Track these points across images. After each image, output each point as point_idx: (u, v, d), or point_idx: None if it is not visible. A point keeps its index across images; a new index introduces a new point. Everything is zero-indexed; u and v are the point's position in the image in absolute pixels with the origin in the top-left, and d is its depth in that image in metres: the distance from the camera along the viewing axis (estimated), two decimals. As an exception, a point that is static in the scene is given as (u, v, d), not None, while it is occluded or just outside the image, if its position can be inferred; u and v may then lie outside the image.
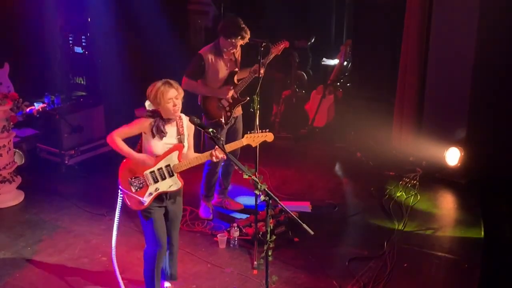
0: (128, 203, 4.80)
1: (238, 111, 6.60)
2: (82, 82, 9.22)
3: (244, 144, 4.91)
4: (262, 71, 6.07)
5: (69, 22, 9.08)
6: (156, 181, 4.74)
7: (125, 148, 4.71)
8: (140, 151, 4.78)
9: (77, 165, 8.05)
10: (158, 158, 4.72)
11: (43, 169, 7.98)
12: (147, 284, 4.99)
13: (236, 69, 6.47)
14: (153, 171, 4.72)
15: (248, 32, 6.16)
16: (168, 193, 4.83)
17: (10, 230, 6.46)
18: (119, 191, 4.81)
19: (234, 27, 6.15)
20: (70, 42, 9.16)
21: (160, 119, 4.69)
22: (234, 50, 6.32)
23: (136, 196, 4.72)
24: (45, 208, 6.96)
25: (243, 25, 6.15)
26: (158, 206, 4.83)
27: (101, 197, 7.18)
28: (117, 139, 4.69)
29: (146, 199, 4.71)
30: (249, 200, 6.92)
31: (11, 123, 7.07)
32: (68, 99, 8.72)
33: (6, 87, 8.14)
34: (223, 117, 6.43)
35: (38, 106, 8.47)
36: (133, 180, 4.73)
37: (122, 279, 5.47)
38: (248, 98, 6.43)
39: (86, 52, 9.06)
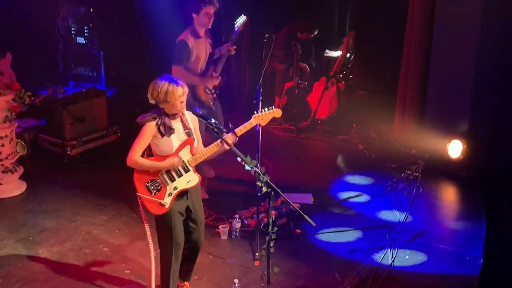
0: (149, 209, 4.64)
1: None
2: (85, 73, 9.22)
3: (254, 125, 4.88)
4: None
5: (72, 12, 9.07)
6: (173, 179, 4.62)
7: (149, 164, 4.59)
8: (150, 155, 4.66)
9: (79, 155, 8.05)
10: (171, 156, 4.60)
11: (45, 159, 7.98)
12: None
13: (216, 50, 6.66)
14: (169, 171, 4.61)
15: None
16: (188, 191, 4.71)
17: (12, 220, 6.47)
18: (138, 199, 4.65)
19: None
20: (73, 32, 9.16)
21: (165, 116, 4.59)
22: (210, 20, 6.42)
23: (156, 199, 4.59)
24: (47, 198, 6.96)
25: None
26: (180, 212, 4.69)
27: (103, 187, 7.19)
28: (136, 158, 4.55)
29: (167, 200, 4.59)
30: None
31: (14, 113, 7.07)
32: (70, 90, 8.73)
33: (9, 77, 8.12)
34: (211, 99, 6.63)
35: (40, 96, 8.47)
36: (149, 183, 4.60)
37: (125, 269, 5.51)
38: (226, 77, 6.66)
39: (89, 43, 9.06)
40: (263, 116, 4.86)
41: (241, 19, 6.42)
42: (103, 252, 5.88)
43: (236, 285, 5.07)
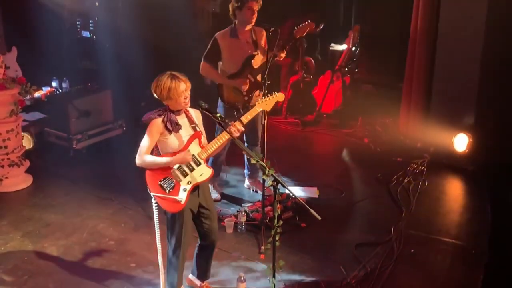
0: (164, 208, 4.60)
1: (258, 95, 6.46)
2: (90, 67, 9.21)
3: (258, 111, 4.89)
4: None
5: (77, 6, 9.07)
6: (185, 174, 4.59)
7: (159, 160, 4.54)
8: (158, 154, 4.62)
9: (85, 149, 8.07)
10: (180, 151, 4.57)
11: (51, 153, 8.00)
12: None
13: (256, 53, 6.38)
14: (180, 166, 4.58)
15: None
16: (199, 187, 4.67)
17: (19, 213, 6.49)
18: (152, 199, 4.59)
19: None
20: (78, 26, 9.16)
21: (170, 112, 4.57)
22: (253, 16, 6.24)
23: (171, 197, 4.54)
24: (53, 192, 6.99)
25: None
26: (191, 209, 4.67)
27: (108, 181, 7.20)
28: (146, 157, 4.51)
29: (182, 196, 4.55)
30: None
31: (19, 107, 7.08)
32: (76, 84, 8.74)
33: (14, 71, 8.14)
34: (240, 102, 6.42)
35: (46, 90, 8.49)
36: (163, 181, 4.56)
37: (130, 263, 5.52)
38: (269, 82, 6.43)
39: (94, 37, 9.05)
40: (266, 102, 4.90)
41: (305, 25, 6.20)
42: (108, 245, 5.89)
43: (242, 278, 5.08)
